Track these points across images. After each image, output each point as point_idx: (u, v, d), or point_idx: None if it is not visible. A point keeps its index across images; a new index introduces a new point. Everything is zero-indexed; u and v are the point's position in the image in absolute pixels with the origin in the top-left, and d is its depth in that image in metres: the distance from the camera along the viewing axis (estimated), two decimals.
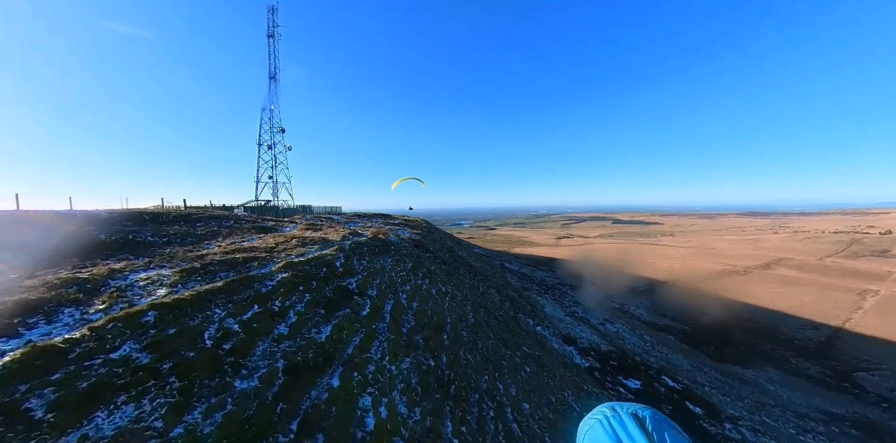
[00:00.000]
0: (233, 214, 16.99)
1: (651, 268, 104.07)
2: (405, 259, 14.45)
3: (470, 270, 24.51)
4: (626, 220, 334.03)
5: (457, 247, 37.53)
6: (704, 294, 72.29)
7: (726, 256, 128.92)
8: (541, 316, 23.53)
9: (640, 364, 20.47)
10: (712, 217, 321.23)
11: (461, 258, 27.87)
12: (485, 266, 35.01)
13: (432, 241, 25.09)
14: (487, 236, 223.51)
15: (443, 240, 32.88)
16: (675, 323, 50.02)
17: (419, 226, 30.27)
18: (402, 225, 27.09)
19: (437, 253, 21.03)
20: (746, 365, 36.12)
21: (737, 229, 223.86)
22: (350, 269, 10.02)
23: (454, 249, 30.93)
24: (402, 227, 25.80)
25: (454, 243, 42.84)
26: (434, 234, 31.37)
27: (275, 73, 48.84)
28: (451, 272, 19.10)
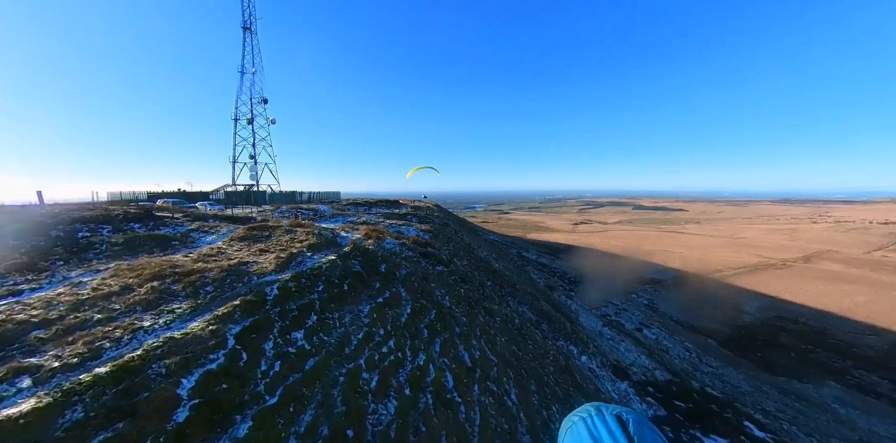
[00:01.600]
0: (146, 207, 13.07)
1: (678, 258, 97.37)
2: (401, 300, 9.67)
3: (496, 280, 20.14)
4: (647, 205, 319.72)
5: (475, 242, 32.78)
6: (740, 290, 66.17)
7: (760, 247, 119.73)
8: (581, 336, 19.21)
9: (706, 399, 16.22)
10: (743, 204, 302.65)
11: (482, 262, 23.70)
12: (508, 266, 30.51)
13: (445, 239, 21.01)
14: (501, 221, 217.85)
15: (458, 235, 28.35)
16: (711, 324, 44.98)
17: (430, 217, 25.85)
18: (408, 217, 23.07)
19: (453, 262, 16.83)
20: (804, 378, 31.25)
21: (770, 218, 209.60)
22: (240, 384, 4.47)
23: (472, 247, 26.44)
24: (409, 220, 21.84)
25: (471, 238, 37.49)
26: (448, 227, 26.82)
27: (249, 23, 37.38)
28: (476, 302, 14.51)
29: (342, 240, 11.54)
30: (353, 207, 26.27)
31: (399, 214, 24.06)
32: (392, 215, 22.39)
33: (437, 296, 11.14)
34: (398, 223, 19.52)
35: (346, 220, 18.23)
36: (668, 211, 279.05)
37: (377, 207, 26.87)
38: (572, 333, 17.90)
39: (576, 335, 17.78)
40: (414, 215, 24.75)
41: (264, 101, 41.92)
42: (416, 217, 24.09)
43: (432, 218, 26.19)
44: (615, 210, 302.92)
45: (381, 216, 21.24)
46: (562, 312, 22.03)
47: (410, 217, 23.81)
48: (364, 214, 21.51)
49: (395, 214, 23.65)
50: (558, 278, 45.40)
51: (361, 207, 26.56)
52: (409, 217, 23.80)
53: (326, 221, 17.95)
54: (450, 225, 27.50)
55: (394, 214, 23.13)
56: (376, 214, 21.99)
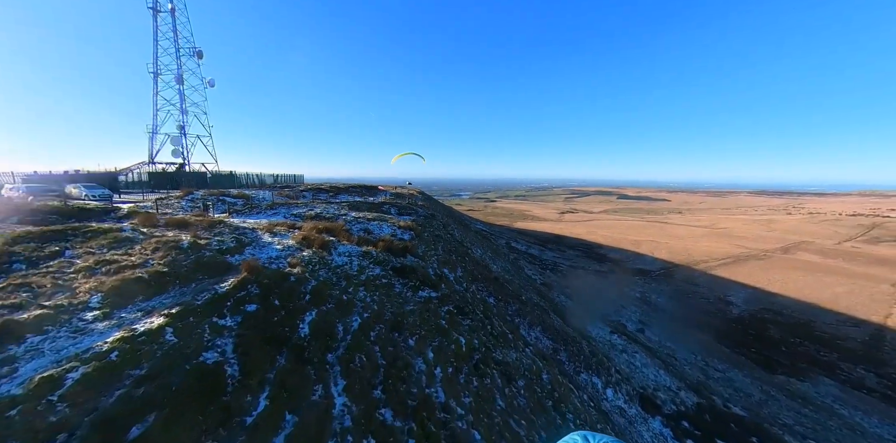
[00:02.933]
0: None
1: (664, 249, 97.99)
2: None
3: (500, 294, 16.44)
4: (631, 195, 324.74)
5: (467, 237, 28.12)
6: (726, 281, 66.59)
7: (740, 237, 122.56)
8: (600, 359, 16.42)
9: (743, 429, 14.28)
10: (722, 195, 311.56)
11: (479, 267, 19.68)
12: (505, 266, 26.72)
13: (432, 237, 17.34)
14: (488, 209, 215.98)
15: (447, 229, 24.09)
16: (702, 316, 44.31)
17: (413, 206, 21.51)
18: (384, 208, 18.86)
19: (444, 279, 12.21)
20: (801, 376, 30.60)
21: (748, 209, 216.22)
22: None
23: (465, 246, 22.37)
24: (385, 211, 17.75)
25: (463, 232, 31.87)
26: (435, 219, 21.65)
27: None
28: (485, 361, 9.16)
29: (247, 254, 6.97)
30: (312, 193, 21.55)
31: (373, 204, 19.84)
32: (362, 205, 18.31)
33: (419, 379, 5.85)
34: (369, 217, 15.07)
35: (289, 212, 13.85)
36: (652, 201, 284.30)
37: (346, 194, 22.40)
38: (591, 356, 15.27)
39: (595, 359, 15.15)
40: (393, 205, 20.61)
41: (198, 54, 32.67)
42: (396, 207, 19.98)
43: (415, 208, 21.75)
44: (600, 199, 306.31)
45: (346, 207, 17.06)
46: (571, 325, 19.38)
47: (388, 207, 19.71)
48: (322, 204, 17.30)
49: (367, 204, 19.37)
50: (550, 271, 43.43)
51: (323, 194, 21.93)
52: (385, 207, 19.72)
53: (257, 216, 13.37)
54: (437, 217, 22.78)
55: (365, 204, 19.03)
56: (341, 203, 17.39)
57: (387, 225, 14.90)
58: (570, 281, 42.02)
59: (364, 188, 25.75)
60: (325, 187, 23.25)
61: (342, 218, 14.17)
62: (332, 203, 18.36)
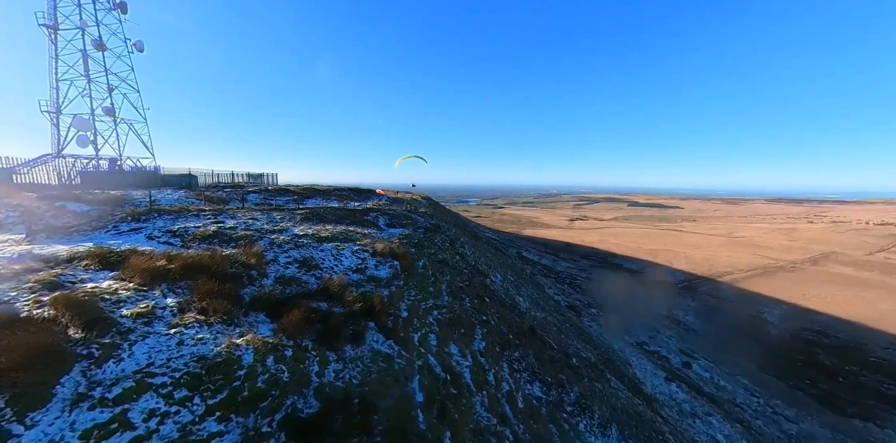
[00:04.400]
0: None
1: (683, 259, 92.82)
2: None
3: (548, 369, 11.57)
4: (642, 202, 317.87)
5: (484, 258, 22.11)
6: (755, 296, 61.48)
7: (763, 246, 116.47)
8: (661, 421, 12.35)
9: None
10: (737, 202, 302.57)
11: (506, 306, 14.73)
12: (531, 291, 21.80)
13: (434, 265, 12.82)
14: (496, 216, 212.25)
15: (456, 245, 18.40)
16: (740, 338, 39.64)
17: (410, 214, 17.55)
18: (369, 217, 14.92)
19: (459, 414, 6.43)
20: (877, 420, 25.91)
21: (767, 217, 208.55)
22: None
23: (482, 270, 17.15)
24: (364, 225, 13.63)
25: (476, 248, 24.60)
26: (439, 231, 17.50)
27: None
28: None
29: None
30: (264, 196, 16.35)
31: (353, 211, 14.59)
32: (334, 214, 13.38)
33: None
34: (325, 234, 10.41)
35: (167, 228, 8.86)
36: (664, 208, 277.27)
37: (320, 198, 17.50)
38: (658, 434, 11.30)
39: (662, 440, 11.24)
40: (382, 213, 15.73)
41: (120, 6, 24.18)
42: (387, 216, 15.30)
43: (414, 216, 17.12)
44: (610, 206, 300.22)
45: (299, 217, 11.96)
46: (628, 377, 15.44)
47: (374, 216, 14.94)
48: (260, 211, 12.17)
49: (342, 212, 14.31)
50: (569, 286, 39.52)
51: (282, 197, 16.82)
52: (371, 216, 14.82)
53: (88, 237, 8.03)
54: (442, 228, 18.80)
55: (341, 212, 14.03)
56: (297, 210, 12.78)
57: (352, 249, 9.76)
58: (593, 298, 38.10)
59: (354, 192, 21.90)
60: (292, 189, 18.95)
61: (269, 237, 9.08)
62: (281, 210, 13.04)
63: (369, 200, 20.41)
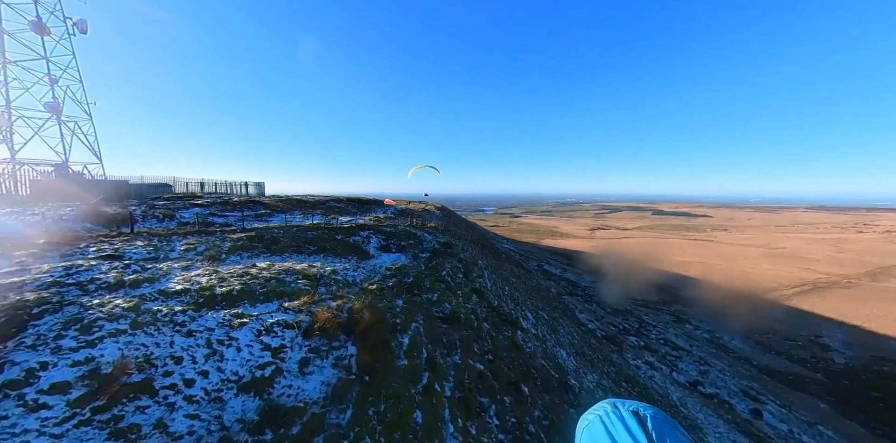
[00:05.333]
0: None
1: (717, 272, 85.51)
2: None
3: None
4: (668, 211, 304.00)
5: (517, 292, 18.31)
6: (809, 316, 54.77)
7: (808, 259, 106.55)
8: None
9: None
10: (774, 211, 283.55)
11: None
12: (576, 337, 16.86)
13: (433, 339, 8.09)
14: (513, 225, 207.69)
15: (472, 274, 14.27)
16: (803, 369, 34.33)
17: (414, 231, 14.51)
18: (357, 238, 12.23)
19: None
20: None
21: (808, 226, 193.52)
22: None
23: (515, 321, 13.04)
24: (343, 254, 10.67)
25: (499, 276, 19.77)
26: (451, 253, 14.28)
27: None
28: None
29: None
30: (211, 212, 13.64)
31: (335, 230, 12.11)
32: (298, 241, 10.17)
33: None
34: (253, 289, 6.96)
35: None
36: (691, 217, 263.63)
37: (298, 213, 14.53)
38: None
39: None
40: (377, 232, 13.01)
41: None
42: (382, 235, 12.56)
43: (419, 234, 14.09)
44: (633, 215, 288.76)
45: (234, 250, 8.90)
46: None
47: (366, 236, 12.25)
48: (179, 238, 9.13)
49: (320, 231, 11.62)
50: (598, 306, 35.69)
51: (238, 212, 13.88)
52: (362, 236, 12.24)
53: None
54: (454, 248, 15.00)
55: (318, 232, 11.11)
56: (244, 237, 9.58)
57: (265, 324, 5.95)
58: (626, 319, 34.18)
59: (354, 203, 19.28)
60: (266, 201, 15.96)
61: (90, 302, 5.49)
62: (211, 233, 9.95)
63: (371, 212, 18.03)
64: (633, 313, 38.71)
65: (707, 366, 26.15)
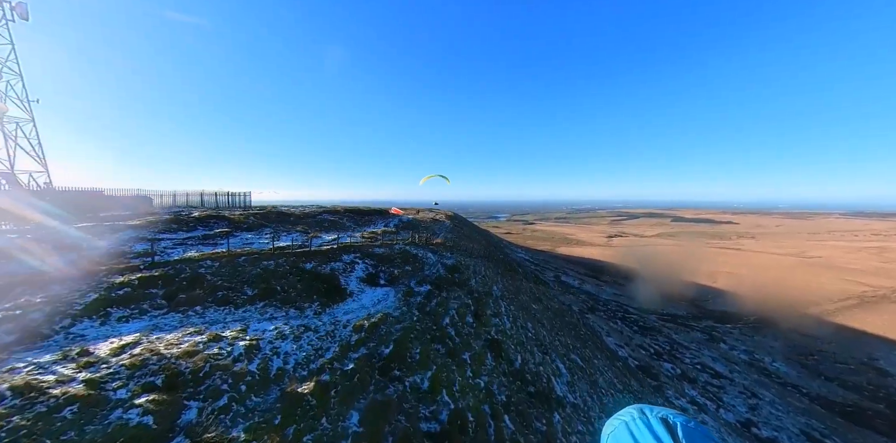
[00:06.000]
0: None
1: (749, 284, 79.75)
2: None
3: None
4: (689, 217, 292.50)
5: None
6: (859, 335, 49.56)
7: (850, 270, 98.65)
8: None
9: None
10: (805, 217, 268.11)
11: None
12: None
13: None
14: (527, 232, 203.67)
15: (493, 321, 11.51)
16: (855, 395, 30.36)
17: (413, 252, 12.16)
18: (337, 265, 10.05)
19: None
20: None
21: (845, 233, 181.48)
22: None
23: None
24: (300, 304, 7.69)
25: (529, 324, 16.50)
26: (461, 282, 12.11)
27: None
28: None
29: None
30: (156, 235, 10.46)
31: (304, 259, 9.52)
32: (235, 281, 7.37)
33: None
34: None
35: None
36: (715, 224, 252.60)
37: (269, 231, 12.08)
38: None
39: None
40: (367, 256, 10.81)
41: None
42: (374, 260, 10.66)
43: (420, 257, 11.70)
44: (652, 222, 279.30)
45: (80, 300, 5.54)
46: None
47: (350, 263, 10.25)
48: None
49: (287, 262, 9.06)
50: (622, 323, 32.86)
51: (204, 228, 11.63)
52: (341, 262, 10.20)
53: None
54: (462, 272, 12.52)
55: (277, 263, 8.57)
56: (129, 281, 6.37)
57: None
58: (656, 340, 31.22)
59: (355, 214, 17.18)
60: (232, 216, 13.11)
61: None
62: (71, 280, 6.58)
63: (370, 226, 16.40)
64: (662, 332, 35.52)
65: (756, 399, 23.07)
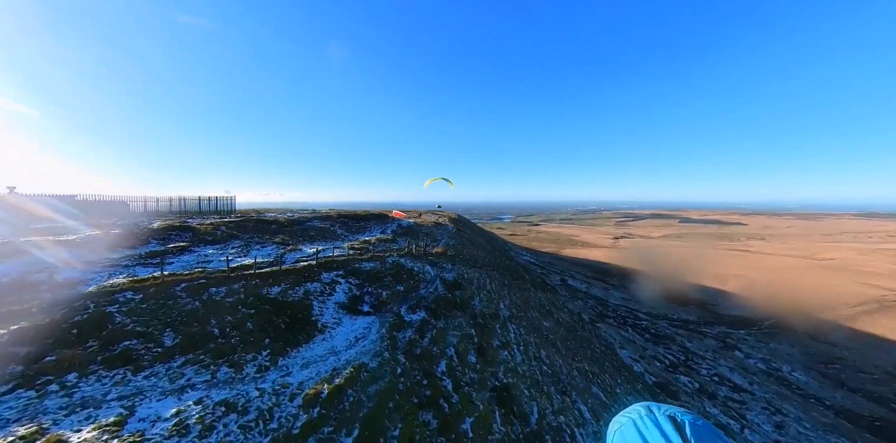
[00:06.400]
0: None
1: (761, 287, 77.64)
2: None
3: None
4: (696, 218, 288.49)
5: None
6: (880, 342, 47.56)
7: (866, 273, 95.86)
8: None
9: None
10: (816, 218, 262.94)
11: None
12: None
13: None
14: (531, 234, 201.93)
15: (501, 357, 10.62)
16: (883, 409, 28.76)
17: (409, 271, 11.06)
18: (320, 285, 8.86)
19: None
20: None
21: (858, 235, 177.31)
22: None
23: None
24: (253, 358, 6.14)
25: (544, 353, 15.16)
26: (461, 293, 11.16)
27: None
28: None
29: None
30: (93, 257, 9.14)
31: (271, 281, 8.24)
32: (170, 332, 5.77)
33: None
34: None
35: None
36: (723, 225, 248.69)
37: (238, 244, 10.92)
38: None
39: None
40: (352, 274, 9.49)
41: None
42: (359, 278, 9.40)
43: (416, 272, 10.63)
44: (658, 223, 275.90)
45: None
46: None
47: (330, 284, 8.96)
48: None
49: (243, 288, 7.46)
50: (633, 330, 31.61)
51: (158, 243, 10.33)
52: (319, 283, 8.92)
53: None
54: (466, 288, 11.31)
55: (228, 291, 7.05)
56: None
57: None
58: (670, 350, 29.86)
59: (349, 220, 15.84)
60: (197, 227, 11.78)
61: None
62: None
63: (364, 233, 15.11)
64: (675, 340, 34.14)
65: (780, 415, 21.71)
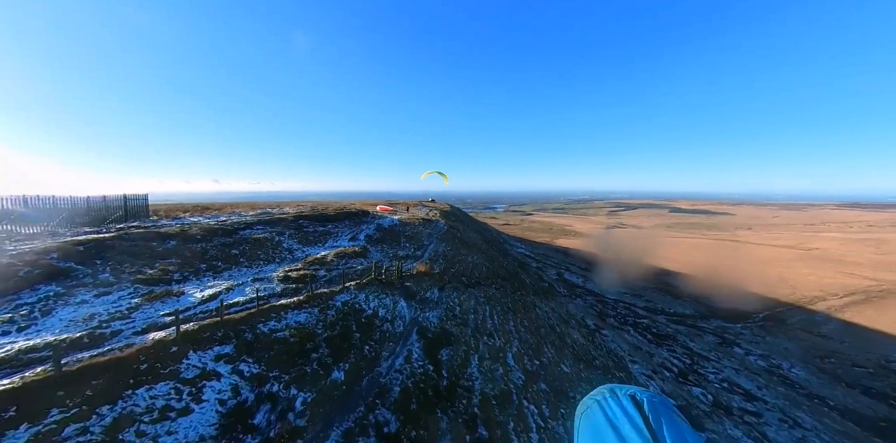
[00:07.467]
0: None
1: (753, 278, 78.44)
2: None
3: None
4: (686, 208, 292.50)
5: None
6: (870, 334, 48.19)
7: (849, 263, 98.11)
8: None
9: None
10: (800, 208, 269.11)
11: None
12: None
13: None
14: (525, 224, 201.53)
15: None
16: (884, 407, 28.68)
17: (365, 316, 9.16)
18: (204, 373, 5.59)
19: None
20: None
21: (841, 225, 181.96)
22: None
23: None
24: None
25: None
26: (452, 328, 9.59)
27: None
28: None
29: None
30: None
31: None
32: None
33: None
34: None
35: None
36: (712, 215, 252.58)
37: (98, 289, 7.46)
38: None
39: None
40: (249, 351, 6.33)
41: None
42: (253, 360, 6.57)
43: (376, 329, 8.97)
44: (649, 213, 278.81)
45: None
46: None
47: (203, 374, 5.48)
48: None
49: None
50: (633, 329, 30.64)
51: None
52: (181, 372, 5.58)
53: None
54: (457, 359, 9.99)
55: None
56: None
57: None
58: (673, 353, 29.03)
59: (313, 222, 12.38)
60: (90, 240, 9.94)
61: None
62: None
63: (327, 240, 11.52)
64: (676, 339, 33.44)
65: (798, 427, 20.97)
